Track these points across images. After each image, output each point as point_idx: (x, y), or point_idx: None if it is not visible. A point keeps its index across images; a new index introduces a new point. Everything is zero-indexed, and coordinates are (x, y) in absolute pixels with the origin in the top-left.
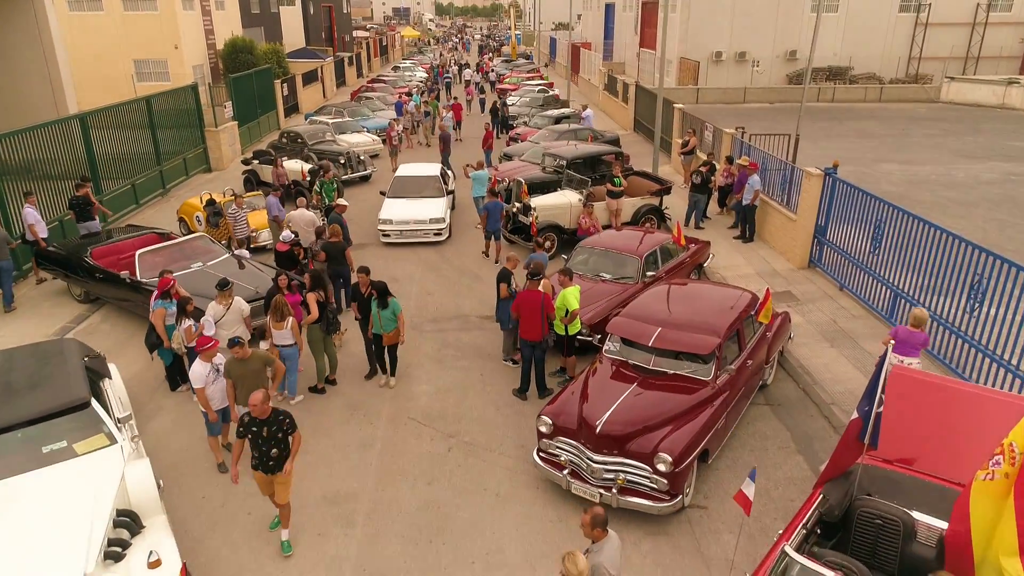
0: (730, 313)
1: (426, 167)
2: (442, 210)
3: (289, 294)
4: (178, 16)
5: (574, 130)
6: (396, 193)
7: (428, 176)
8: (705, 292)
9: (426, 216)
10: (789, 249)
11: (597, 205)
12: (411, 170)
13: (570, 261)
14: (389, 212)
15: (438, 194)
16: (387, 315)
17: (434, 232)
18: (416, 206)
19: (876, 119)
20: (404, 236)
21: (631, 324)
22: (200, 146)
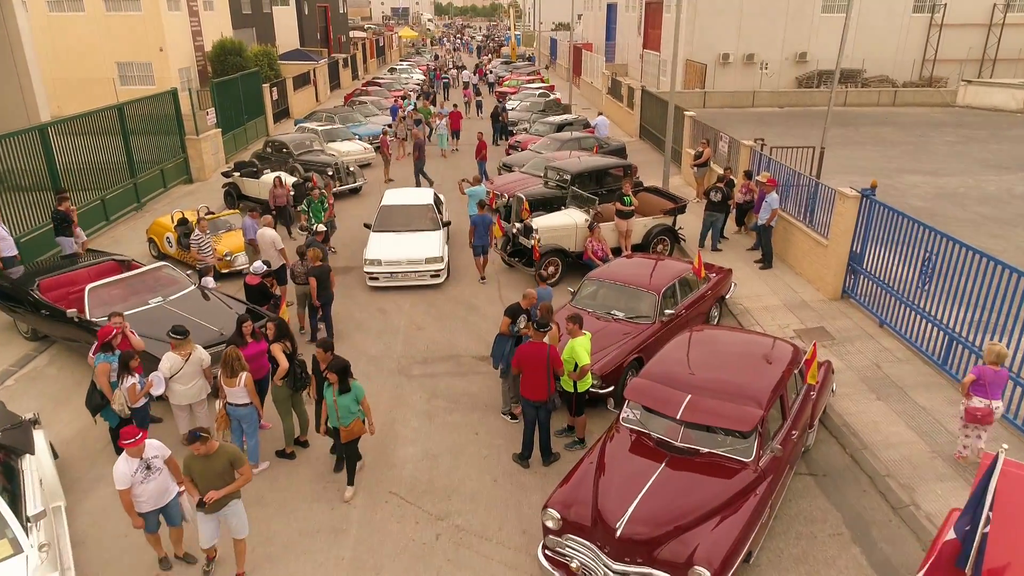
0: (772, 373)
1: (417, 193)
2: (439, 246)
3: (253, 342)
4: (163, 17)
5: (578, 139)
6: (384, 226)
7: (420, 205)
8: (740, 344)
9: (421, 255)
10: (819, 277)
11: (605, 226)
12: (400, 197)
13: (577, 296)
14: (377, 250)
15: (433, 226)
16: (347, 403)
17: (431, 274)
18: (408, 242)
19: (892, 125)
20: (395, 279)
21: (654, 390)
22: (180, 155)
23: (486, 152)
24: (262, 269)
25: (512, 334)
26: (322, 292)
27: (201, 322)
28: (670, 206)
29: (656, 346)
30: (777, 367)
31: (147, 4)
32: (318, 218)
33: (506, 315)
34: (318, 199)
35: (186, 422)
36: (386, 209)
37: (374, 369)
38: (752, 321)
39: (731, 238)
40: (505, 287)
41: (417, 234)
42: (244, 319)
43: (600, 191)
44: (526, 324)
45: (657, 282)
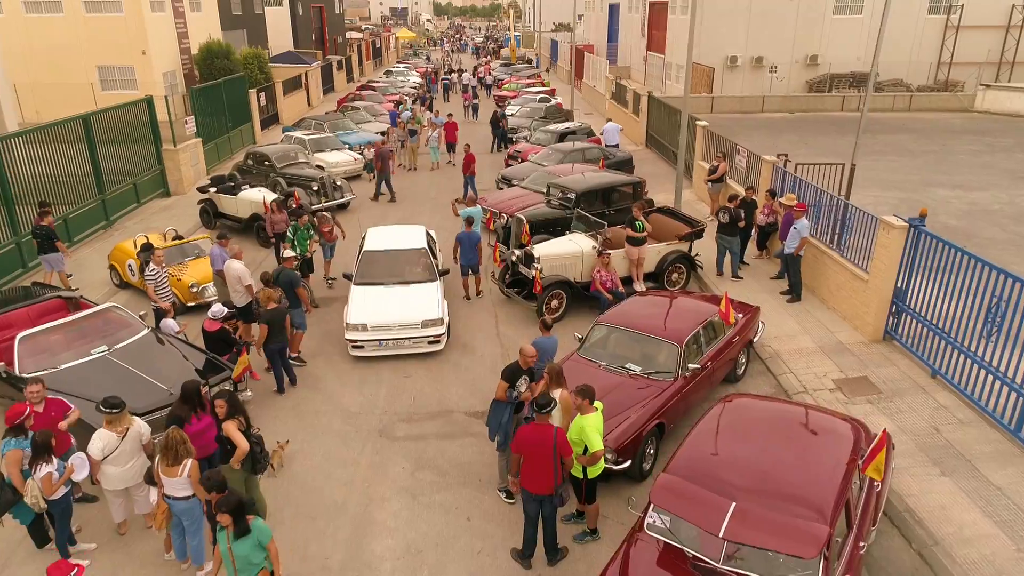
0: (833, 468)
1: (406, 233)
2: (437, 304)
3: (200, 417)
4: (146, 19)
5: (581, 149)
6: (367, 276)
7: (411, 249)
8: (788, 423)
9: (416, 316)
10: (856, 315)
11: (615, 254)
12: (385, 239)
13: (585, 344)
14: (361, 311)
15: (428, 276)
16: (245, 552)
17: (429, 340)
18: (399, 300)
19: (910, 132)
20: (385, 348)
21: (688, 494)
22: (157, 168)
23: (475, 167)
24: (222, 313)
25: (510, 400)
26: (275, 338)
27: (149, 378)
28: (686, 230)
29: (679, 407)
30: (838, 457)
31: (129, 5)
32: (303, 247)
33: (503, 379)
34: (304, 226)
35: (122, 509)
36: (369, 256)
37: (351, 429)
38: (784, 368)
39: (752, 264)
40: (504, 322)
41: (409, 288)
42: (192, 390)
43: (608, 211)
44: (527, 387)
45: (679, 329)
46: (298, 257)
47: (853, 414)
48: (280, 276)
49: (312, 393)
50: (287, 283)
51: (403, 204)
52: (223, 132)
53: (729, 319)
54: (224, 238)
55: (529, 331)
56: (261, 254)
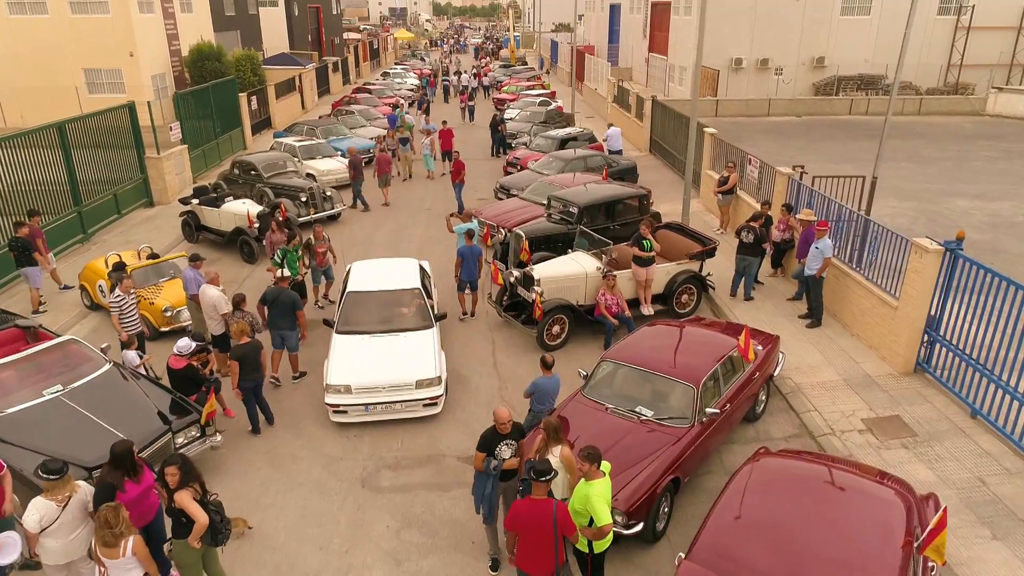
0: (888, 554)
1: (396, 268)
2: (433, 359)
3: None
4: (134, 20)
5: (583, 157)
6: (351, 324)
7: (403, 289)
8: (831, 497)
9: (408, 375)
10: (884, 344)
11: (621, 275)
12: (371, 276)
13: (590, 383)
14: (344, 370)
15: (422, 322)
16: None
17: (425, 402)
18: (389, 353)
19: (921, 136)
20: (373, 413)
21: None
22: (139, 176)
23: (464, 175)
24: (188, 348)
25: (489, 472)
26: (248, 375)
27: (106, 425)
28: (697, 248)
29: (696, 456)
30: (891, 537)
31: (116, 6)
32: (294, 270)
33: (478, 448)
34: (295, 248)
35: None
36: (354, 299)
37: (331, 478)
38: (807, 405)
39: (766, 283)
40: (501, 348)
41: (401, 338)
42: (122, 452)
43: (612, 225)
44: (513, 453)
45: (695, 367)
46: (292, 279)
47: (887, 460)
48: (280, 298)
49: (290, 434)
50: (288, 304)
51: (396, 215)
52: (211, 138)
53: (749, 355)
54: (197, 260)
55: (529, 358)
56: (244, 271)
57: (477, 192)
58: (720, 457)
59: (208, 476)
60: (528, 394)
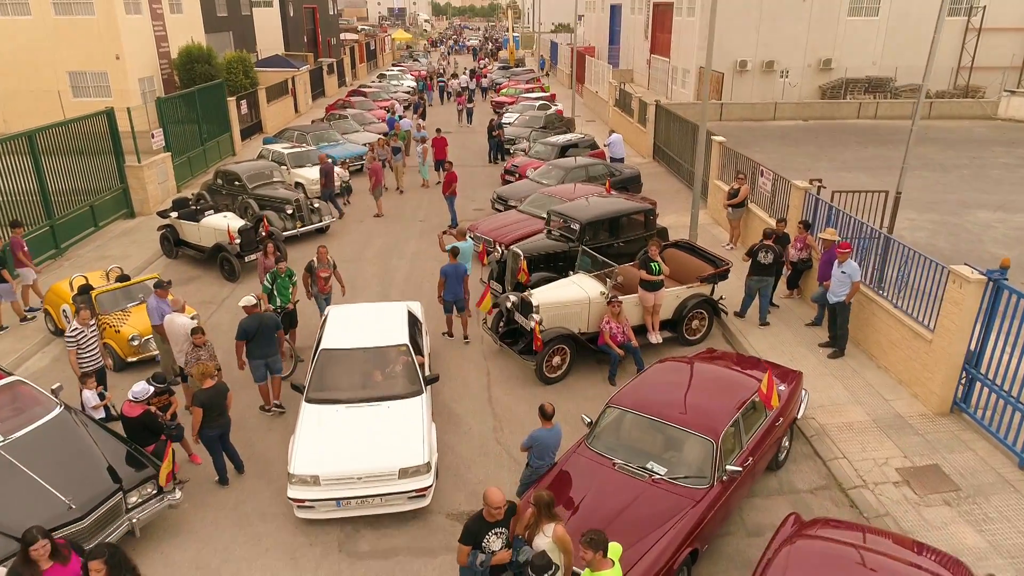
0: None
1: (382, 315)
2: (422, 437)
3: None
4: (119, 21)
5: (585, 166)
6: (325, 390)
7: (389, 347)
8: None
9: (391, 463)
10: (917, 381)
11: (627, 299)
12: (353, 322)
13: (595, 432)
14: (312, 455)
15: (410, 387)
16: None
17: (410, 495)
18: (369, 432)
19: (934, 142)
20: (346, 508)
21: None
22: (119, 186)
23: (456, 186)
24: (144, 394)
25: (476, 571)
26: (214, 422)
27: (46, 484)
28: (709, 270)
29: (716, 520)
30: None
31: (101, 7)
32: (284, 298)
33: (461, 541)
34: (285, 273)
35: None
36: (328, 358)
37: (305, 541)
38: (834, 450)
39: (781, 305)
40: (497, 381)
41: (383, 410)
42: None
43: (616, 242)
44: (504, 544)
45: (714, 417)
46: (278, 309)
47: (928, 520)
48: (262, 326)
49: (262, 485)
50: (272, 328)
51: (389, 227)
52: (197, 144)
53: (772, 402)
54: (162, 287)
55: (528, 393)
56: (224, 290)
57: (473, 202)
58: (740, 515)
59: (165, 541)
60: (525, 448)
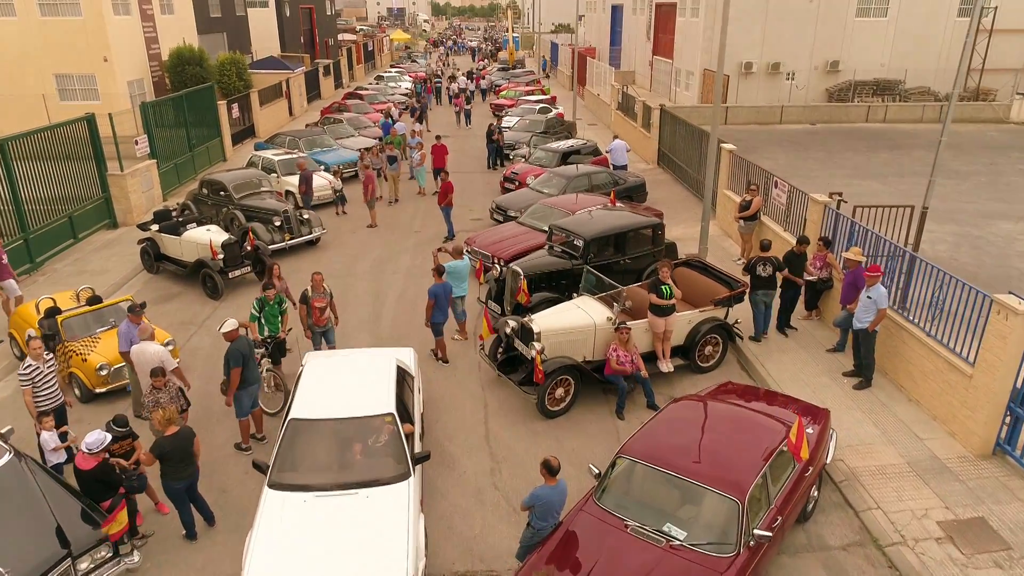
0: None
1: (365, 372)
2: (405, 542)
3: None
4: (107, 22)
5: (588, 174)
6: (292, 474)
7: (370, 417)
8: None
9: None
10: (955, 418)
11: (636, 325)
12: (330, 383)
13: (605, 486)
14: (271, 562)
15: (395, 470)
16: None
17: None
18: (339, 535)
19: (947, 147)
20: None
21: None
22: (101, 196)
23: (452, 197)
24: (99, 444)
25: None
26: (179, 473)
27: None
28: (724, 292)
29: None
30: None
31: (88, 8)
32: (274, 327)
33: None
34: (274, 300)
35: None
36: (298, 431)
37: None
38: (867, 500)
39: (800, 328)
40: (495, 414)
41: (361, 501)
42: None
43: (623, 259)
44: None
45: (739, 472)
46: (267, 339)
47: None
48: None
49: (234, 540)
50: (235, 355)
51: (383, 238)
52: (185, 150)
53: (802, 454)
54: (135, 311)
55: (528, 428)
56: (206, 308)
57: (471, 212)
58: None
59: None
60: (526, 507)
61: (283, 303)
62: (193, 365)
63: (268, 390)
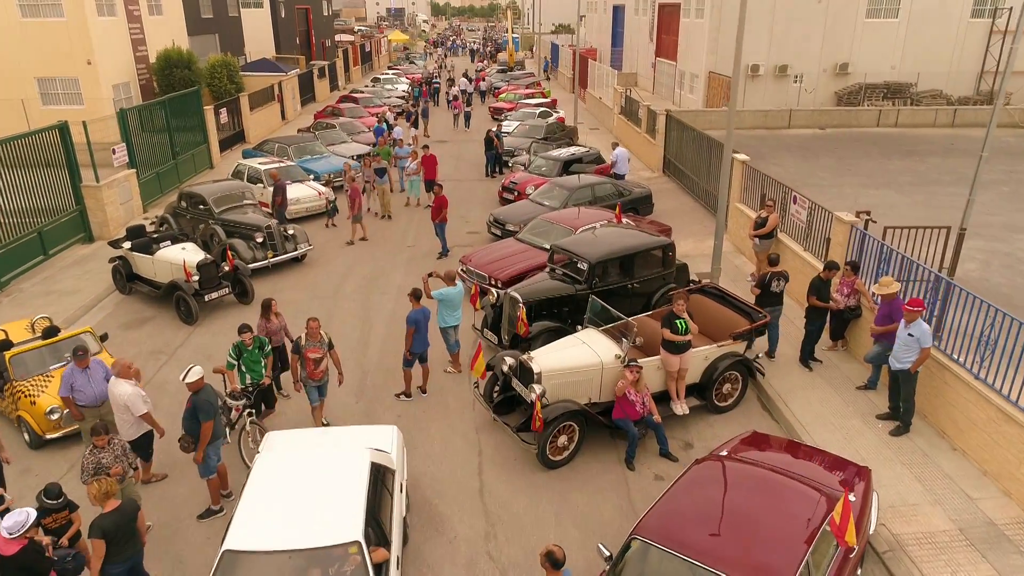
0: None
1: (330, 475)
2: None
3: None
4: (91, 24)
5: (591, 185)
6: None
7: (331, 547)
8: None
9: None
10: (1009, 474)
11: (648, 363)
12: (283, 489)
13: (617, 573)
14: None
15: None
16: None
17: None
18: None
19: (964, 153)
20: None
21: None
22: (75, 208)
23: (447, 211)
24: (20, 527)
25: None
26: (121, 554)
27: None
28: (744, 324)
29: None
30: None
31: (71, 9)
32: (256, 374)
33: None
34: (253, 345)
35: None
36: (234, 564)
37: None
38: (915, 574)
39: (824, 360)
40: (491, 463)
41: None
42: None
43: (631, 284)
44: None
45: (777, 558)
46: (249, 388)
47: None
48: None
49: None
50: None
51: (373, 254)
52: (168, 158)
53: (847, 539)
54: (81, 355)
55: (527, 481)
56: (180, 334)
57: (467, 224)
58: None
59: None
60: None
61: (265, 345)
62: (159, 401)
63: (253, 445)
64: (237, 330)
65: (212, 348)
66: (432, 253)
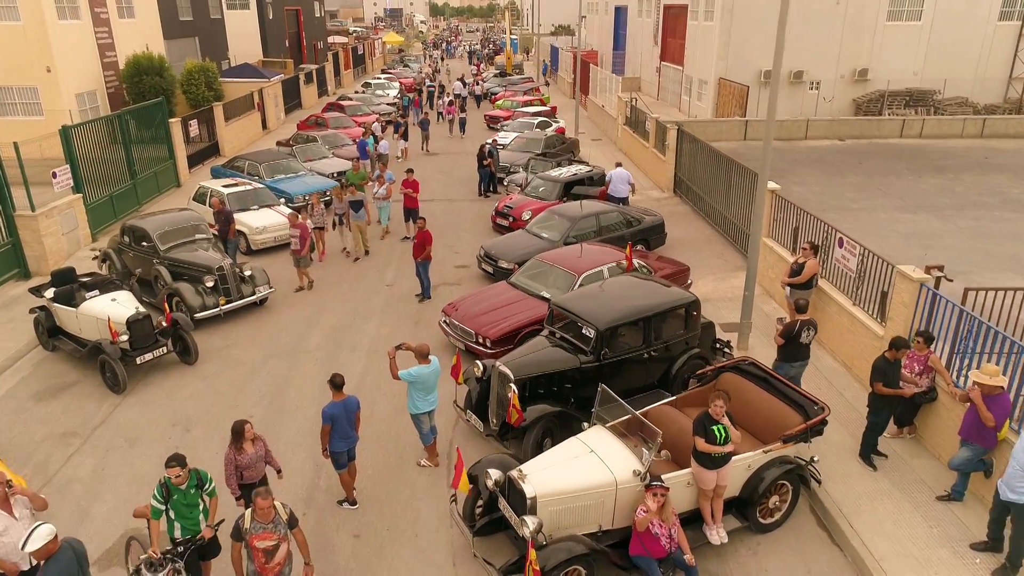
0: None
1: None
2: None
3: None
4: (50, 28)
5: (596, 214)
6: None
7: None
8: None
9: None
10: None
11: (675, 479)
12: None
13: None
14: None
15: None
16: None
17: None
18: None
19: (999, 169)
20: None
21: None
22: (7, 241)
23: (431, 248)
24: None
25: None
26: None
27: None
28: (796, 419)
29: None
30: None
31: (28, 13)
32: (191, 524)
33: None
34: (186, 484)
35: None
36: None
37: None
38: None
39: (890, 454)
40: None
41: None
42: None
43: (648, 352)
44: None
45: None
46: (181, 544)
47: None
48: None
49: None
50: None
51: (345, 298)
52: (125, 179)
53: None
54: None
55: None
56: (104, 407)
57: (456, 255)
58: None
59: None
60: None
61: (207, 483)
62: (59, 504)
63: None
64: (165, 463)
65: (140, 427)
66: (411, 294)
